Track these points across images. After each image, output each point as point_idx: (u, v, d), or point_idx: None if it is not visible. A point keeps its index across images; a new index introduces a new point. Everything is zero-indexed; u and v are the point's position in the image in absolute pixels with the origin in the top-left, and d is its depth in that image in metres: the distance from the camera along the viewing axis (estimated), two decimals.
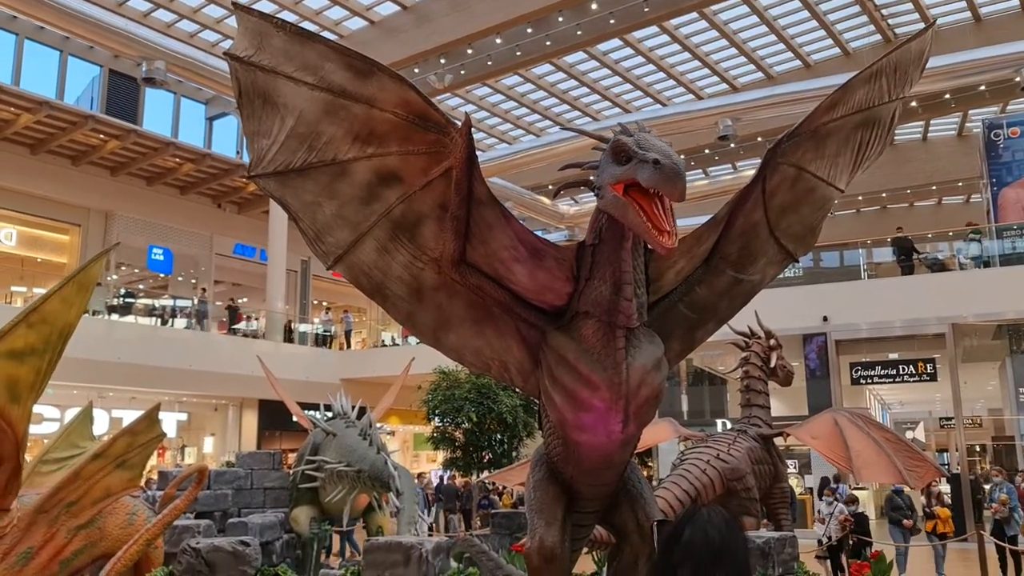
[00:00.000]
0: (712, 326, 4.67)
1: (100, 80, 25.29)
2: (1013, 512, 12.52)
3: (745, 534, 2.24)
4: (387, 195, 3.94)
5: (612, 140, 3.56)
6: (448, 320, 4.21)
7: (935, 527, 12.89)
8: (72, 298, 5.47)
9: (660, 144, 3.40)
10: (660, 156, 3.27)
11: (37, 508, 5.93)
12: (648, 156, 3.30)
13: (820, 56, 27.24)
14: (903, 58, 4.39)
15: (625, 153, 3.44)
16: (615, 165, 3.50)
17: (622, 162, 3.45)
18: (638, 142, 3.42)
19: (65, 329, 5.46)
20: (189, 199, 27.74)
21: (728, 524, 2.16)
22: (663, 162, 3.25)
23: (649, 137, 3.47)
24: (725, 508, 7.25)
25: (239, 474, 10.23)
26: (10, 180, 23.22)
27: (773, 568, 6.01)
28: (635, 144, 3.42)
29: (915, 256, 20.60)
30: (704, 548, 2.09)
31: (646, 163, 3.29)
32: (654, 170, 3.26)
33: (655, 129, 13.63)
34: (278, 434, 25.61)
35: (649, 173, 3.28)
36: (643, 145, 3.39)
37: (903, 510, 12.93)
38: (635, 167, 3.36)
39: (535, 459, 4.57)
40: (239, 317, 26.21)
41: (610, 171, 3.53)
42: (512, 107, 30.25)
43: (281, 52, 3.68)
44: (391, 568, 5.75)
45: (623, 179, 3.42)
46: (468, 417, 18.43)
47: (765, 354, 9.34)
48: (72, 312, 5.49)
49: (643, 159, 3.31)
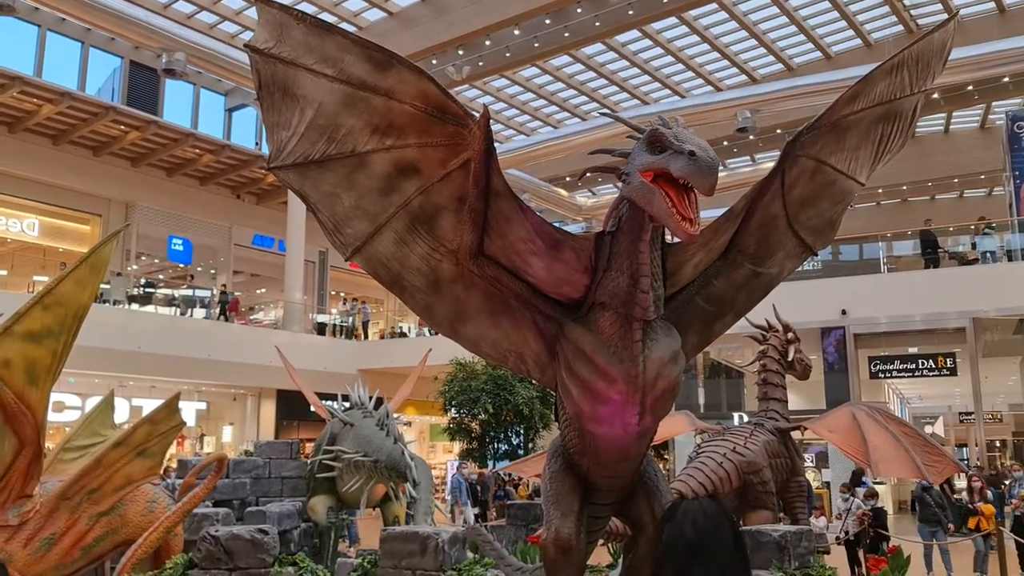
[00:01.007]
0: (730, 319, 4.66)
1: (121, 71, 25.46)
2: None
3: (732, 525, 2.09)
4: (405, 187, 3.96)
5: (649, 129, 3.58)
6: (465, 312, 4.22)
7: (978, 524, 12.65)
8: (85, 280, 5.54)
9: (697, 139, 3.43)
10: (696, 148, 3.30)
11: (59, 495, 6.02)
12: (684, 147, 3.32)
13: (841, 47, 26.99)
14: (925, 50, 4.35)
15: (661, 143, 3.46)
16: (648, 154, 3.52)
17: (656, 151, 3.48)
18: (676, 134, 3.45)
19: (79, 310, 5.52)
20: (208, 190, 27.91)
21: (709, 517, 2.05)
22: (699, 154, 3.28)
23: (686, 132, 3.51)
24: (742, 501, 7.20)
25: (257, 463, 10.31)
26: (33, 170, 23.45)
27: (789, 562, 5.99)
28: (672, 136, 3.44)
29: (940, 249, 20.40)
30: (681, 545, 2.01)
31: (681, 154, 3.32)
32: (689, 161, 3.29)
33: None
34: (296, 424, 25.76)
35: (683, 163, 3.30)
36: (680, 137, 3.42)
37: (934, 508, 12.63)
38: (669, 157, 3.39)
39: (551, 450, 4.59)
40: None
41: (642, 159, 3.55)
42: (530, 99, 30.20)
43: (301, 44, 3.70)
44: (407, 558, 5.79)
45: (654, 167, 3.45)
46: (484, 408, 18.51)
47: (783, 348, 9.29)
48: (86, 294, 5.55)
49: (679, 150, 3.35)
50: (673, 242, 4.05)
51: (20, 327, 5.32)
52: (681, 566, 2.00)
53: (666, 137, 3.44)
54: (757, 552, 6.14)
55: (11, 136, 23.14)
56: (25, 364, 5.35)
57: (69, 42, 24.26)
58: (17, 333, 5.31)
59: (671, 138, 3.42)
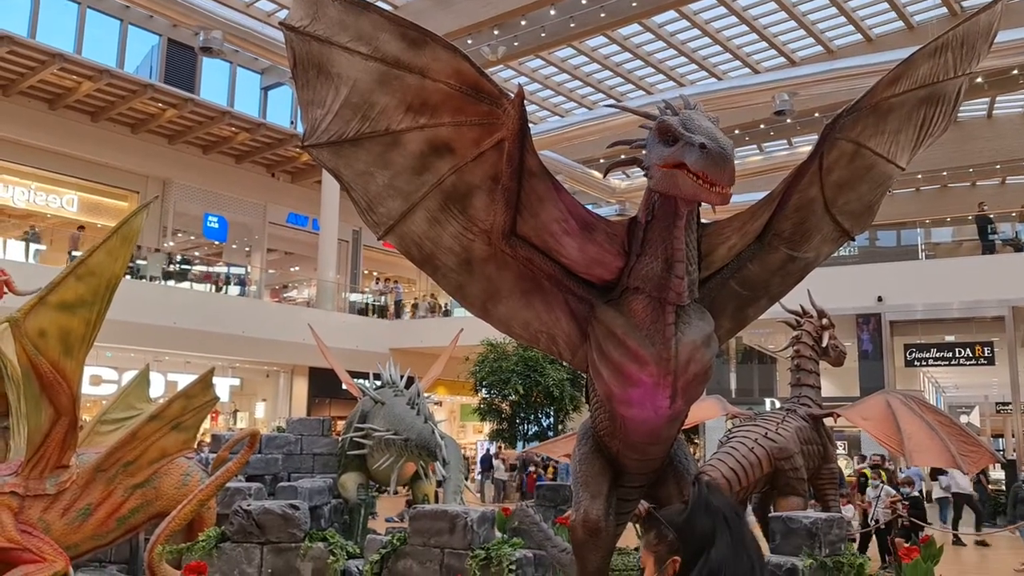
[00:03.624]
0: (764, 304, 4.61)
1: (159, 49, 25.68)
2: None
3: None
4: (439, 166, 3.95)
5: (657, 120, 3.51)
6: (497, 292, 4.21)
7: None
8: (117, 250, 5.59)
9: (706, 125, 3.35)
10: (707, 139, 3.23)
11: (96, 466, 6.11)
12: (694, 139, 3.26)
13: (882, 30, 26.48)
14: (970, 32, 4.25)
15: (671, 134, 3.39)
16: (662, 146, 3.46)
17: (668, 143, 3.41)
18: (683, 122, 3.38)
19: (112, 280, 5.59)
20: (244, 168, 28.13)
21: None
22: (709, 146, 3.21)
23: (694, 115, 3.42)
24: (772, 487, 7.16)
25: (289, 439, 10.43)
26: (72, 147, 23.78)
27: (820, 549, 5.95)
28: (680, 125, 3.37)
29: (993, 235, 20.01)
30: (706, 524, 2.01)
31: (692, 146, 3.26)
32: (701, 154, 3.22)
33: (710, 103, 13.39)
34: (327, 401, 26.02)
35: (696, 157, 3.24)
36: (688, 126, 3.34)
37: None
38: (682, 149, 3.32)
39: (581, 432, 4.58)
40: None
41: (657, 151, 3.50)
42: (565, 79, 30.01)
43: (336, 22, 3.69)
44: (436, 535, 5.83)
45: (670, 161, 3.39)
46: (515, 389, 18.55)
47: (817, 333, 9.19)
48: (117, 264, 5.61)
49: (689, 142, 3.28)
50: (708, 224, 4.01)
51: (54, 297, 5.39)
52: None
53: (674, 127, 3.38)
54: (787, 539, 6.10)
55: (51, 112, 23.46)
56: (60, 334, 5.41)
57: (108, 19, 24.50)
58: (51, 303, 5.38)
59: (680, 128, 3.36)
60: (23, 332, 5.24)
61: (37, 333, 5.31)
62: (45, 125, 23.21)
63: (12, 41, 20.42)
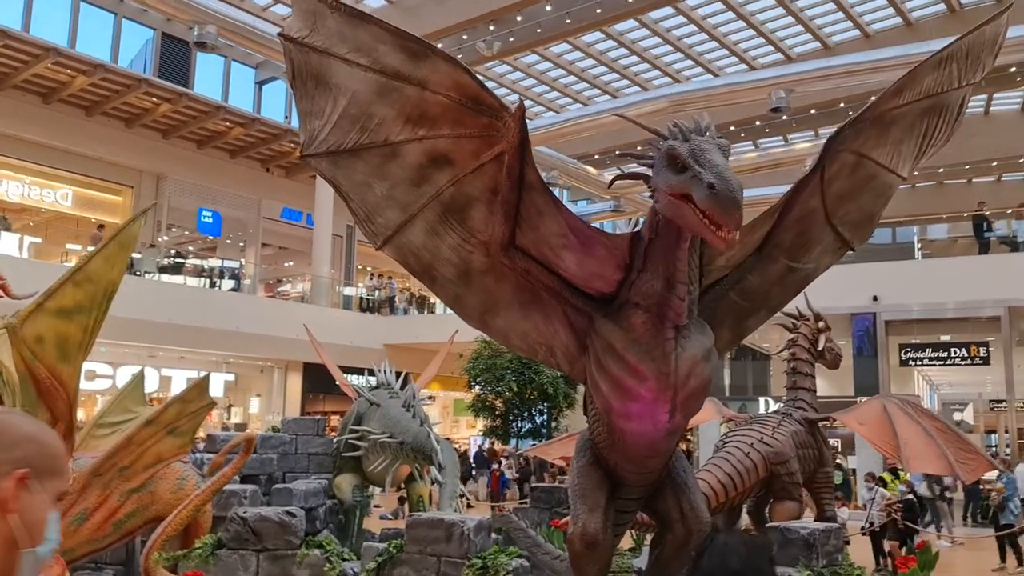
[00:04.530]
0: (764, 315, 4.61)
1: (153, 43, 25.53)
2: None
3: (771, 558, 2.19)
4: (438, 177, 3.93)
5: (666, 145, 3.45)
6: (496, 303, 4.20)
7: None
8: (114, 257, 5.60)
9: (717, 160, 3.27)
10: (716, 179, 3.16)
11: (92, 471, 6.09)
12: (703, 177, 3.19)
13: (880, 26, 26.42)
14: (976, 43, 4.24)
15: (680, 162, 3.34)
16: (670, 172, 3.40)
17: (677, 171, 3.35)
18: (693, 153, 3.30)
19: (109, 287, 5.59)
20: (238, 163, 28.03)
21: (749, 547, 2.13)
22: (719, 187, 3.14)
23: (706, 145, 3.33)
24: (768, 492, 7.15)
25: (284, 439, 10.40)
26: (66, 141, 23.66)
27: (817, 560, 5.95)
28: (690, 155, 3.30)
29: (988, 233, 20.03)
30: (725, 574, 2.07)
31: (701, 183, 3.19)
32: (709, 194, 3.16)
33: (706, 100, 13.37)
34: (322, 397, 25.99)
35: (704, 196, 3.18)
36: (699, 159, 3.27)
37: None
38: (690, 182, 3.26)
39: (579, 444, 4.56)
40: None
41: (664, 177, 3.44)
42: (560, 75, 29.92)
43: (335, 33, 3.66)
44: (433, 544, 5.82)
45: (678, 191, 3.34)
46: (509, 387, 18.54)
47: (813, 336, 9.15)
48: (115, 270, 5.62)
49: (698, 176, 3.22)
50: None
51: (51, 303, 5.40)
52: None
53: (683, 157, 3.31)
54: (785, 549, 6.10)
55: (45, 107, 23.34)
56: (56, 340, 5.42)
57: (102, 13, 24.35)
58: (49, 309, 5.39)
59: (689, 160, 3.29)
60: (21, 338, 5.24)
61: (34, 339, 5.31)
62: (39, 119, 23.08)
63: (6, 35, 20.29)
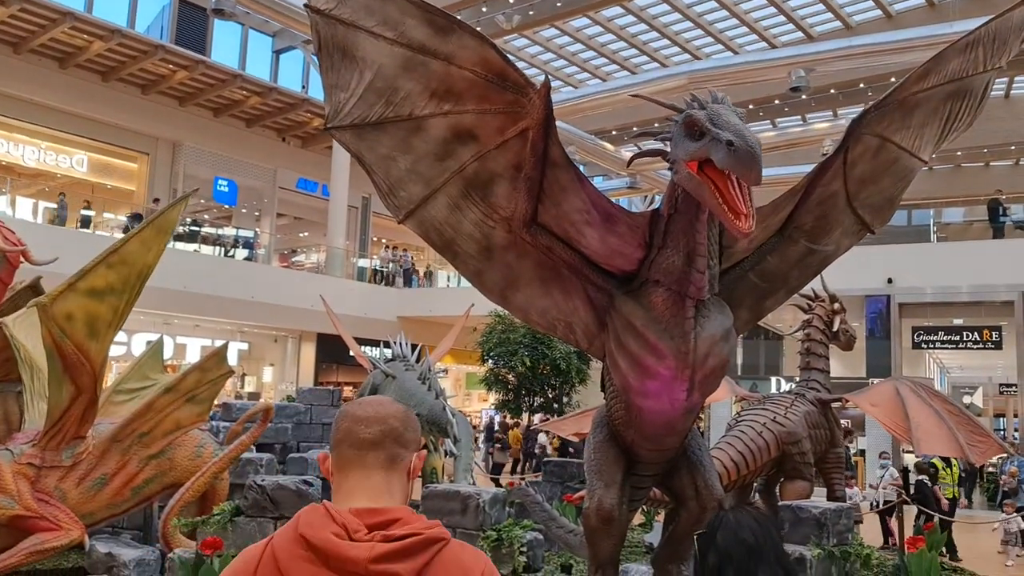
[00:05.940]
0: (782, 295, 4.64)
1: (170, 9, 25.45)
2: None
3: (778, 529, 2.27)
4: (461, 152, 3.94)
5: (684, 114, 3.46)
6: (516, 279, 4.23)
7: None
8: (151, 241, 5.68)
9: (734, 121, 3.29)
10: (734, 137, 3.17)
11: (111, 437, 6.19)
12: (722, 136, 3.20)
13: (902, 6, 26.09)
14: (1003, 27, 4.23)
15: (698, 128, 3.35)
16: (688, 140, 3.41)
17: (695, 137, 3.36)
18: (711, 117, 3.32)
19: (144, 271, 5.67)
20: (254, 132, 28.00)
21: (760, 522, 2.19)
22: (737, 143, 3.15)
23: (722, 110, 3.36)
24: (779, 472, 7.21)
25: (299, 409, 10.52)
26: (82, 107, 23.68)
27: (828, 539, 5.99)
28: (708, 120, 3.32)
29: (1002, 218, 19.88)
30: (741, 551, 2.12)
31: (719, 143, 3.20)
32: (728, 152, 3.16)
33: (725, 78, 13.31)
34: (335, 367, 26.13)
35: (723, 155, 3.18)
36: (716, 122, 3.29)
37: None
38: (709, 145, 3.27)
39: (596, 420, 4.60)
40: None
41: (684, 147, 3.45)
42: (579, 50, 29.70)
43: (362, 6, 3.67)
44: (448, 515, 5.88)
45: (697, 157, 3.34)
46: (522, 361, 18.57)
47: (828, 317, 9.17)
48: (151, 254, 5.69)
49: (716, 138, 3.22)
50: None
51: (83, 284, 5.51)
52: (746, 566, 2.09)
53: (701, 122, 3.33)
54: (796, 528, 6.15)
55: (62, 71, 23.34)
56: (86, 318, 5.53)
57: None
58: (80, 289, 5.50)
59: (707, 124, 3.30)
60: (49, 316, 5.35)
61: (64, 317, 5.42)
62: (55, 84, 23.10)
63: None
